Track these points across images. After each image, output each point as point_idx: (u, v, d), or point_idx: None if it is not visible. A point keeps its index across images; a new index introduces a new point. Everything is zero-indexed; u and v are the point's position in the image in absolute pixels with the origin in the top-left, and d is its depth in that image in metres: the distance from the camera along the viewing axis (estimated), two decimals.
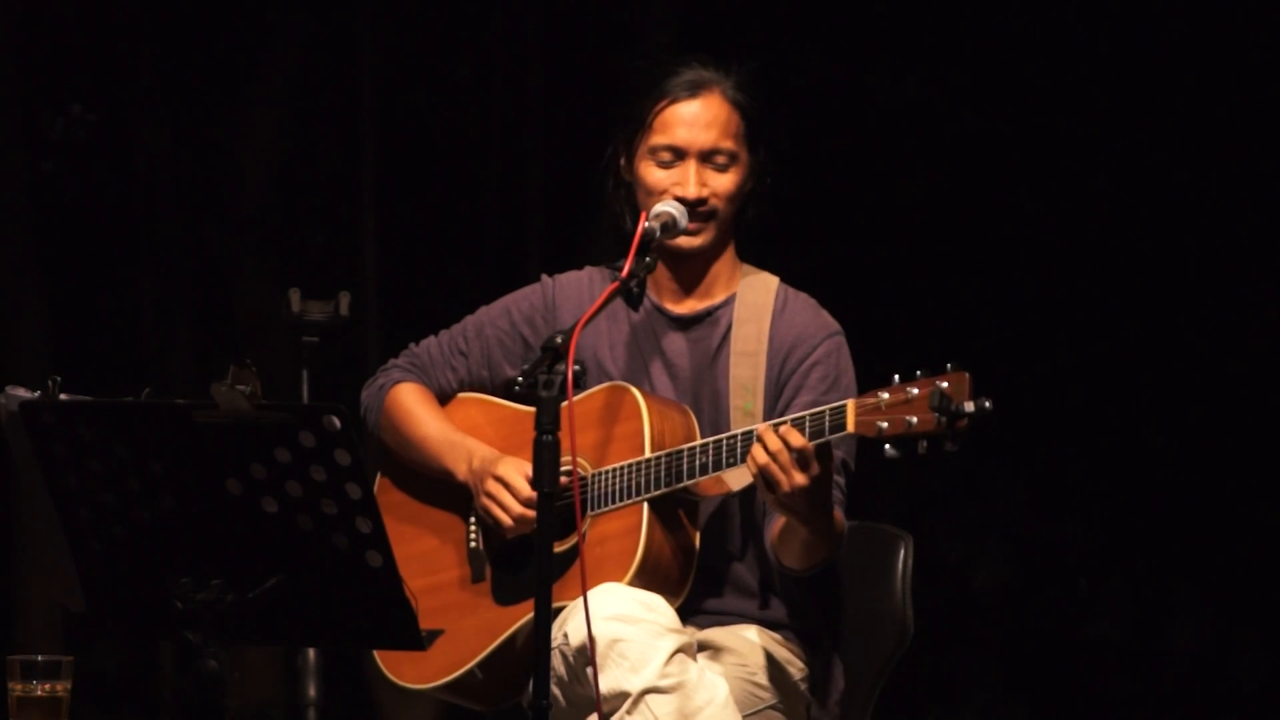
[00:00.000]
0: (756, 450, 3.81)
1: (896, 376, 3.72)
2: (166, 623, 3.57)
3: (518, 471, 4.13)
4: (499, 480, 4.14)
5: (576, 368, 3.72)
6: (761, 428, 3.83)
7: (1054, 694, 7.43)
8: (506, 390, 4.25)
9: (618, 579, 3.98)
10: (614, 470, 4.06)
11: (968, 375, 3.65)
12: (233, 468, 3.49)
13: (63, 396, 3.56)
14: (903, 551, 4.25)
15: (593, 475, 4.08)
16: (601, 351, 4.24)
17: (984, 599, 7.47)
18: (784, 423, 3.82)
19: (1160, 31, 7.17)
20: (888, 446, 3.70)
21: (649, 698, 3.87)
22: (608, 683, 3.87)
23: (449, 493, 4.26)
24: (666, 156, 4.19)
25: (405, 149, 7.52)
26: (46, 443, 3.54)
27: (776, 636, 4.15)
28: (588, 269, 4.34)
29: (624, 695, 3.88)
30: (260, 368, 3.61)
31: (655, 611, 3.93)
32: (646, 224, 4.09)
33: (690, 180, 4.15)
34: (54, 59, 7.43)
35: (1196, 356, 7.28)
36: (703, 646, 4.10)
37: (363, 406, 4.39)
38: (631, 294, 4.17)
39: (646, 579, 4.00)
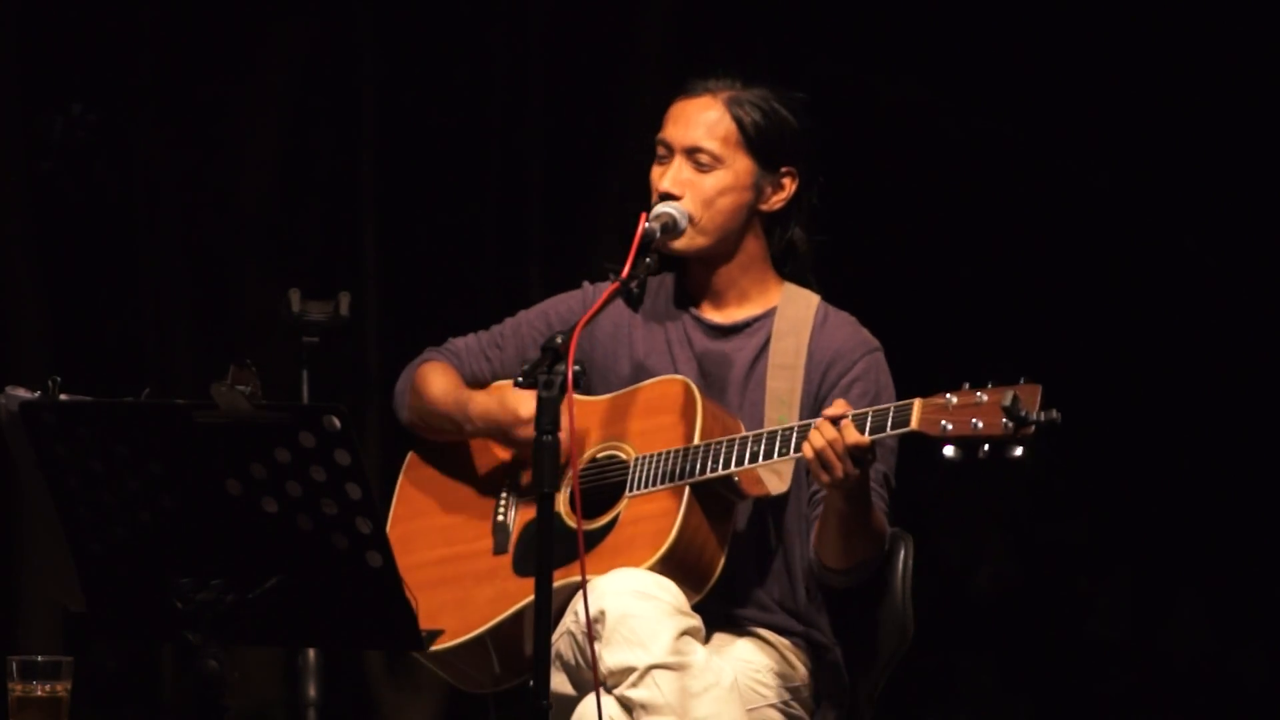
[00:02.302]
0: (814, 435, 3.83)
1: (967, 384, 3.75)
2: (167, 623, 3.57)
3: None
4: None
5: (576, 368, 3.73)
6: (820, 420, 3.85)
7: (1054, 694, 7.43)
8: None
9: (644, 559, 4.00)
10: (658, 455, 4.06)
11: (1040, 388, 3.71)
12: (233, 468, 3.49)
13: (63, 396, 3.56)
14: (903, 552, 4.26)
15: (636, 459, 4.09)
16: (637, 356, 4.25)
17: (984, 599, 7.47)
18: (844, 417, 3.83)
19: (1160, 31, 7.17)
20: (949, 448, 3.72)
21: (655, 672, 3.89)
22: (615, 657, 3.89)
23: (481, 466, 4.28)
24: (661, 151, 4.23)
25: (405, 149, 7.52)
26: (46, 443, 3.54)
27: (784, 642, 4.17)
28: None
29: (630, 669, 3.89)
30: (260, 368, 3.61)
31: (666, 592, 3.95)
32: (646, 224, 4.11)
33: (667, 175, 4.18)
34: (54, 59, 7.43)
35: (1196, 356, 7.28)
36: (710, 643, 4.12)
37: (395, 398, 4.44)
38: (631, 295, 4.18)
39: (672, 566, 4.00)
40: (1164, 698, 7.35)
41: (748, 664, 4.10)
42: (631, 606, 3.89)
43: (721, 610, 4.15)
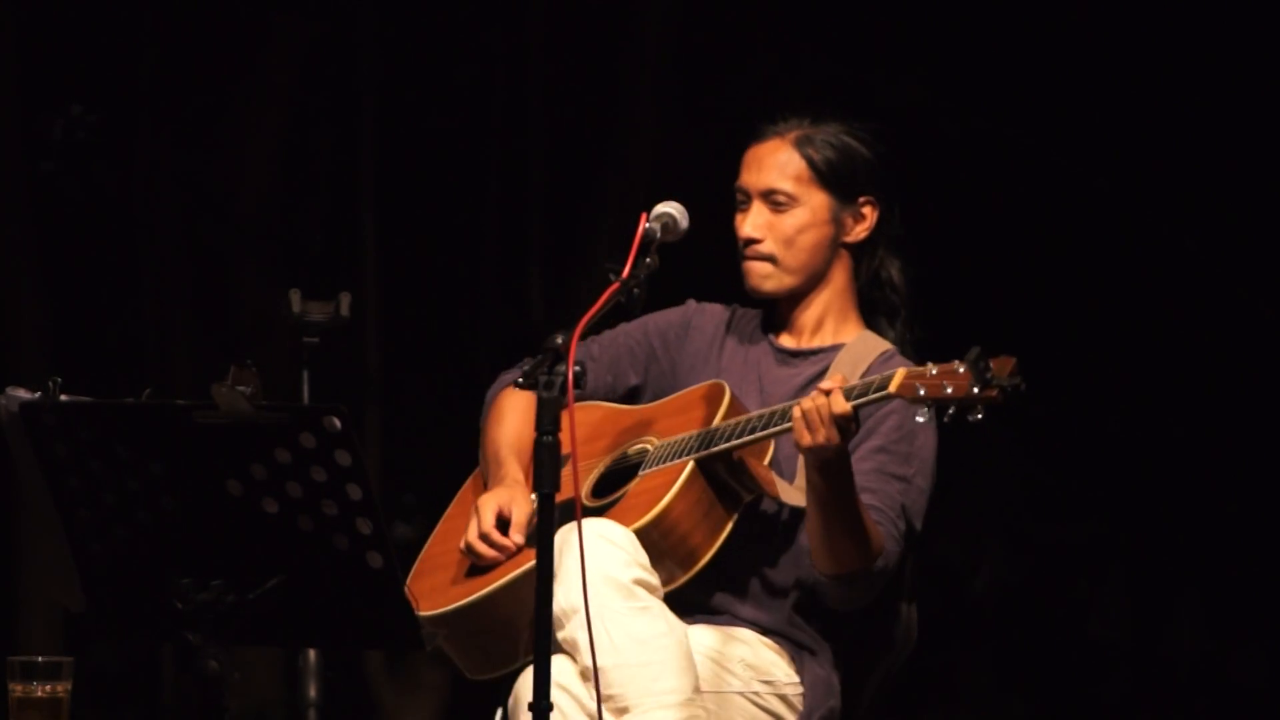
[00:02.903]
0: (805, 400, 3.92)
1: (956, 360, 3.82)
2: (167, 623, 3.57)
3: (493, 504, 4.22)
4: (475, 508, 4.24)
5: (576, 368, 3.74)
6: (815, 391, 3.93)
7: (1054, 694, 7.43)
8: (630, 398, 4.42)
9: (635, 519, 4.06)
10: (679, 438, 4.15)
11: (1014, 359, 3.78)
12: (233, 468, 3.50)
13: (63, 397, 3.56)
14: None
15: (658, 444, 4.19)
16: (718, 373, 4.33)
17: (984, 600, 7.47)
18: (835, 389, 3.90)
19: (1160, 31, 7.17)
20: (921, 414, 3.79)
21: (604, 614, 3.91)
22: (565, 597, 3.94)
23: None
24: (740, 198, 4.34)
25: (405, 149, 7.51)
26: (47, 443, 3.55)
27: (767, 641, 4.18)
28: (735, 306, 4.46)
29: (575, 609, 3.94)
30: (260, 368, 3.61)
31: (630, 544, 4.01)
32: (647, 225, 4.13)
33: (746, 220, 4.27)
34: (54, 59, 7.42)
35: (1196, 357, 7.28)
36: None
37: (485, 404, 4.51)
38: (631, 295, 4.19)
39: (656, 536, 4.05)
40: (1163, 699, 7.35)
41: (719, 653, 4.12)
42: (589, 548, 3.91)
43: (711, 605, 4.16)
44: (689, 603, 4.14)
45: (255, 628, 3.58)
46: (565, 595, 3.94)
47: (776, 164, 4.30)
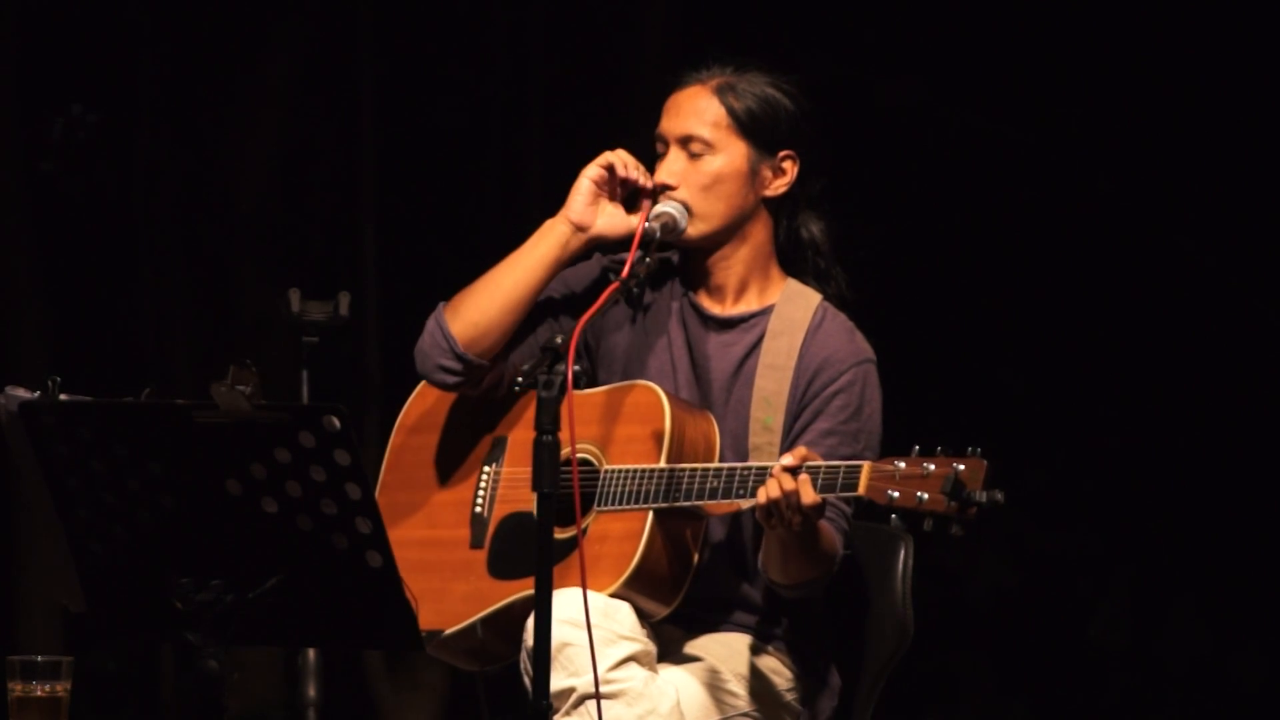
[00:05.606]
0: (770, 484, 3.83)
1: (916, 448, 3.75)
2: (167, 623, 3.57)
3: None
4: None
5: (576, 368, 3.73)
6: (777, 469, 3.83)
7: (1053, 697, 7.43)
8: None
9: (610, 581, 3.99)
10: (626, 472, 4.04)
11: (985, 464, 3.70)
12: (232, 468, 3.50)
13: (63, 397, 3.56)
14: (903, 552, 4.26)
15: (606, 471, 4.07)
16: (636, 344, 4.23)
17: (984, 602, 7.47)
18: (800, 469, 3.82)
19: (1160, 31, 7.17)
20: (894, 516, 3.72)
21: (588, 702, 3.89)
22: (555, 683, 3.88)
23: (467, 443, 4.26)
24: (659, 147, 4.22)
25: (405, 148, 7.51)
26: (47, 443, 3.54)
27: (765, 646, 4.16)
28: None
29: (565, 698, 3.91)
30: (260, 368, 3.61)
31: (611, 619, 3.95)
32: (646, 224, 4.11)
33: (662, 167, 4.18)
34: (54, 59, 7.43)
35: (1195, 360, 7.28)
36: (681, 651, 4.11)
37: (424, 343, 4.33)
38: (631, 294, 4.17)
39: (638, 586, 4.00)
40: (1161, 701, 7.34)
41: (713, 673, 4.09)
42: (570, 635, 3.89)
43: (698, 613, 4.15)
44: (686, 613, 4.11)
45: (255, 628, 3.58)
46: (556, 682, 3.89)
47: (695, 110, 4.16)
